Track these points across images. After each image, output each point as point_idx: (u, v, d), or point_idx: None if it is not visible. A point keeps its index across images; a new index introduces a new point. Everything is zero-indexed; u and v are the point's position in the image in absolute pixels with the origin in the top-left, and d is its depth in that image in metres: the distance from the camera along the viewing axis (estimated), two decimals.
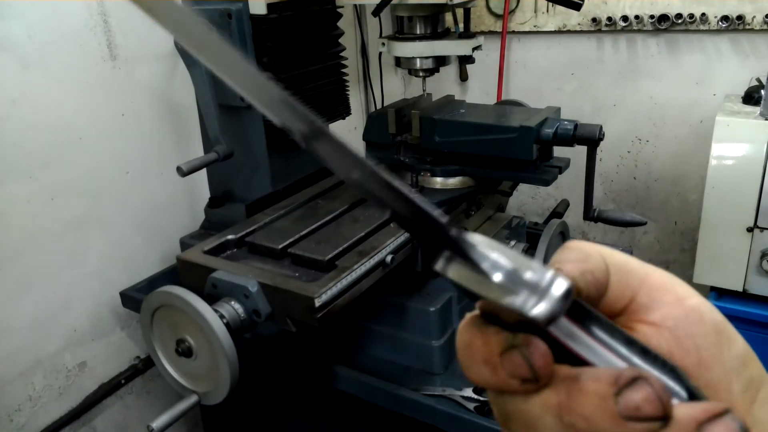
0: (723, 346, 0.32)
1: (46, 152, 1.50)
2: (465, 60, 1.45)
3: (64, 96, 1.52)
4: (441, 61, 1.43)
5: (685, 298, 0.33)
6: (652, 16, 2.17)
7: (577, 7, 1.46)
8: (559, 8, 2.25)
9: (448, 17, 1.47)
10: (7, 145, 1.42)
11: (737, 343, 0.32)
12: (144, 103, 1.71)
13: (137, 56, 1.67)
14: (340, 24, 1.61)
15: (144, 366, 1.83)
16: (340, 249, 1.19)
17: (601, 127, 1.32)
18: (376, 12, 1.27)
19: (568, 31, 2.35)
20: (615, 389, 0.26)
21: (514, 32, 2.46)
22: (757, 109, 1.78)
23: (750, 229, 1.77)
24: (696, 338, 0.31)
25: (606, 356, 0.30)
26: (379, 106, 2.59)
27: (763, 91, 1.79)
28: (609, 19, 2.24)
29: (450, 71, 2.62)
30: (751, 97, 1.88)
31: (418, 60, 1.41)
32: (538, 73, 2.49)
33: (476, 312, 0.32)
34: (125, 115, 1.67)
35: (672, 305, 0.32)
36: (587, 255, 0.33)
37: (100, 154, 1.62)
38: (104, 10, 1.58)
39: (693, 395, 0.29)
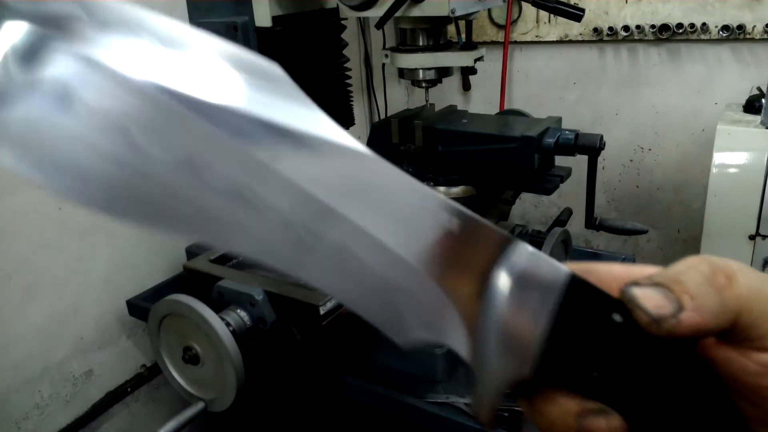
0: None
1: None
2: (467, 71, 1.47)
3: None
4: (443, 72, 1.45)
5: None
6: (653, 26, 2.19)
7: (578, 18, 1.48)
8: (561, 19, 2.27)
9: (451, 29, 1.49)
10: None
11: None
12: None
13: None
14: (344, 36, 1.64)
15: (150, 374, 1.85)
16: None
17: (601, 137, 1.33)
18: (380, 25, 1.29)
19: (570, 41, 2.37)
20: None
21: (516, 42, 2.48)
22: (758, 118, 1.79)
23: (752, 237, 1.78)
24: None
25: None
26: (382, 116, 2.61)
27: (764, 100, 1.80)
28: (610, 29, 2.26)
29: (453, 81, 2.64)
30: (752, 106, 1.89)
31: (420, 71, 1.43)
32: (541, 83, 2.51)
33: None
34: None
35: None
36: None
37: None
38: None
39: None
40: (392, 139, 1.50)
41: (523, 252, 0.31)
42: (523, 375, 0.29)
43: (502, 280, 0.30)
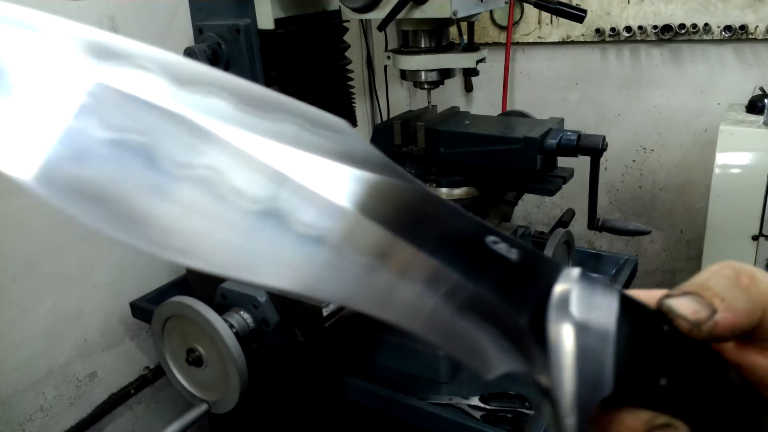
0: None
1: None
2: (469, 72, 1.48)
3: None
4: (445, 73, 1.45)
5: None
6: (655, 27, 2.19)
7: (580, 19, 1.48)
8: (563, 20, 2.28)
9: (453, 30, 1.49)
10: None
11: None
12: None
13: None
14: (346, 38, 1.64)
15: (153, 376, 1.85)
16: None
17: (604, 138, 1.33)
18: (382, 27, 1.30)
19: (572, 42, 2.38)
20: None
21: (518, 43, 2.48)
22: (760, 118, 1.79)
23: (755, 238, 1.78)
24: None
25: None
26: (384, 118, 2.62)
27: (766, 100, 1.80)
28: (612, 29, 2.26)
29: (455, 82, 2.64)
30: (754, 106, 1.89)
31: (422, 73, 1.43)
32: (543, 84, 2.51)
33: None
34: None
35: None
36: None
37: None
38: (114, 25, 1.61)
39: None
40: (395, 141, 1.50)
41: (576, 277, 0.33)
42: (605, 394, 0.30)
43: (565, 310, 0.32)
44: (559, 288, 0.32)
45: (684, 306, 0.32)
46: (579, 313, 0.31)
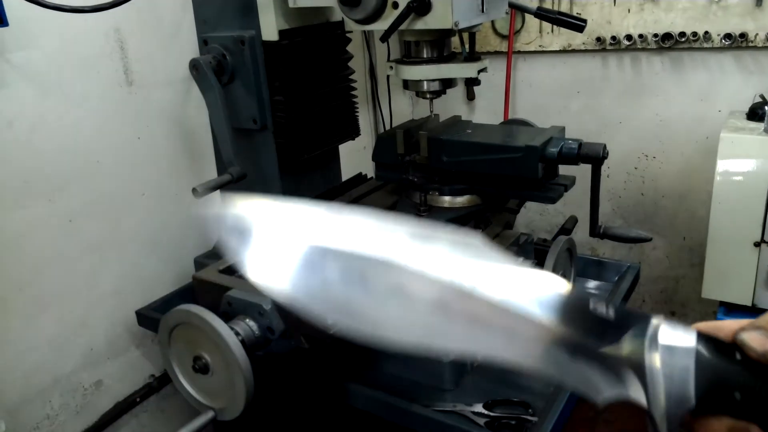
0: None
1: (64, 176, 1.55)
2: (471, 81, 1.49)
3: (82, 120, 1.57)
4: (447, 83, 1.46)
5: None
6: (655, 35, 2.20)
7: (580, 29, 1.49)
8: (564, 29, 2.30)
9: (454, 40, 1.50)
10: (26, 169, 1.47)
11: None
12: (159, 127, 1.76)
13: (153, 81, 1.72)
14: (350, 48, 1.66)
15: (158, 384, 1.86)
16: None
17: (605, 146, 1.34)
18: (385, 38, 1.31)
19: (573, 51, 2.39)
20: None
21: (519, 52, 2.50)
22: (761, 125, 1.80)
23: (757, 244, 1.78)
24: None
25: None
26: (387, 127, 2.63)
27: (766, 107, 1.81)
28: (613, 38, 2.28)
29: (457, 91, 2.66)
30: (755, 114, 1.90)
31: (425, 83, 1.45)
32: (544, 92, 2.52)
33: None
34: (141, 139, 1.72)
35: None
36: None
37: (117, 177, 1.67)
38: (121, 37, 1.63)
39: None
40: (397, 150, 1.52)
41: (661, 318, 0.44)
42: (690, 408, 0.42)
43: (655, 341, 0.43)
44: (650, 327, 0.43)
45: (753, 339, 0.42)
46: (665, 341, 0.42)
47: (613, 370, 0.44)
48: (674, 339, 0.43)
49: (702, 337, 0.43)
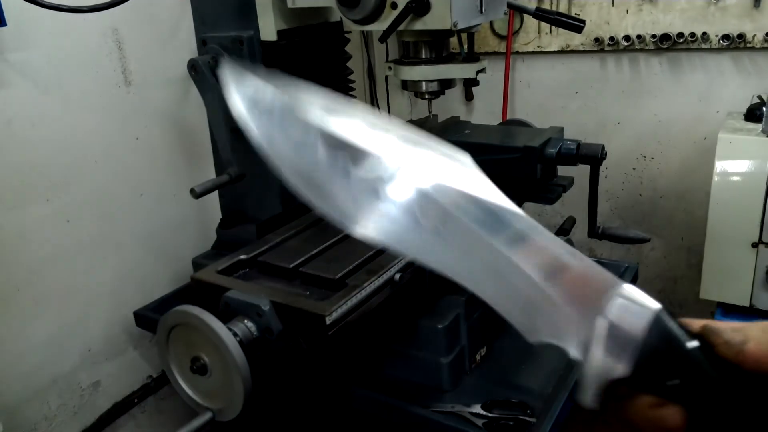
0: None
1: (62, 175, 1.54)
2: (470, 82, 1.49)
3: (81, 120, 1.57)
4: (446, 84, 1.46)
5: None
6: (654, 36, 2.20)
7: (579, 29, 1.49)
8: (562, 29, 2.30)
9: (453, 40, 1.50)
10: (25, 168, 1.46)
11: None
12: (157, 126, 1.76)
13: (151, 81, 1.72)
14: (348, 49, 1.66)
15: (156, 385, 1.86)
16: (350, 268, 1.22)
17: (603, 147, 1.34)
18: (383, 38, 1.31)
19: (572, 51, 2.39)
20: None
21: (518, 53, 2.50)
22: (759, 126, 1.80)
23: (755, 245, 1.79)
24: None
25: None
26: None
27: (764, 108, 1.82)
28: (612, 39, 2.28)
29: (455, 91, 2.66)
30: (753, 114, 1.90)
31: (423, 83, 1.45)
32: (543, 93, 2.53)
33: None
34: (139, 139, 1.71)
35: None
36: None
37: (114, 177, 1.66)
38: (119, 37, 1.63)
39: None
40: None
41: (626, 288, 0.43)
42: (621, 374, 0.41)
43: (610, 310, 0.42)
44: (610, 294, 0.43)
45: (722, 330, 0.41)
46: (613, 316, 0.42)
47: (560, 312, 0.43)
48: (629, 311, 0.42)
49: (660, 316, 0.42)
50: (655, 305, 0.42)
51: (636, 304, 0.42)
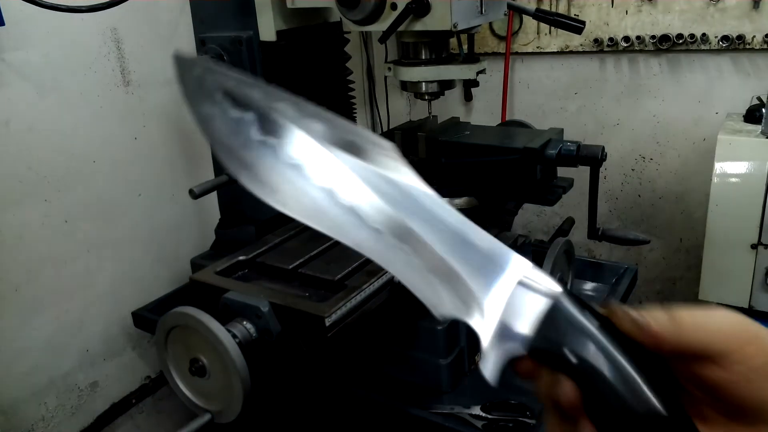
0: None
1: (60, 176, 1.54)
2: (469, 83, 1.49)
3: (79, 121, 1.56)
4: (446, 84, 1.46)
5: None
6: (653, 37, 2.20)
7: (579, 30, 1.49)
8: (561, 30, 2.30)
9: (452, 41, 1.50)
10: (22, 169, 1.46)
11: None
12: (156, 127, 1.75)
13: (149, 82, 1.71)
14: (347, 49, 1.65)
15: (154, 386, 1.85)
16: (349, 269, 1.22)
17: (603, 148, 1.34)
18: (383, 39, 1.31)
19: (571, 52, 2.39)
20: None
21: (517, 53, 2.50)
22: (758, 128, 1.80)
23: (754, 246, 1.79)
24: None
25: None
26: (385, 127, 2.63)
27: (764, 110, 1.82)
28: (611, 39, 2.28)
29: (455, 92, 2.66)
30: (752, 116, 1.90)
31: (423, 84, 1.44)
32: (542, 93, 2.53)
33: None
34: (138, 139, 1.71)
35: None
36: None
37: (113, 178, 1.66)
38: (117, 37, 1.63)
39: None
40: None
41: (527, 266, 0.45)
42: (518, 354, 0.44)
43: (508, 286, 0.44)
44: (506, 276, 0.45)
45: (627, 310, 0.43)
46: (528, 280, 0.44)
47: (461, 291, 0.45)
48: (528, 289, 0.44)
49: (563, 297, 0.43)
50: (556, 289, 0.43)
51: (532, 290, 0.44)
